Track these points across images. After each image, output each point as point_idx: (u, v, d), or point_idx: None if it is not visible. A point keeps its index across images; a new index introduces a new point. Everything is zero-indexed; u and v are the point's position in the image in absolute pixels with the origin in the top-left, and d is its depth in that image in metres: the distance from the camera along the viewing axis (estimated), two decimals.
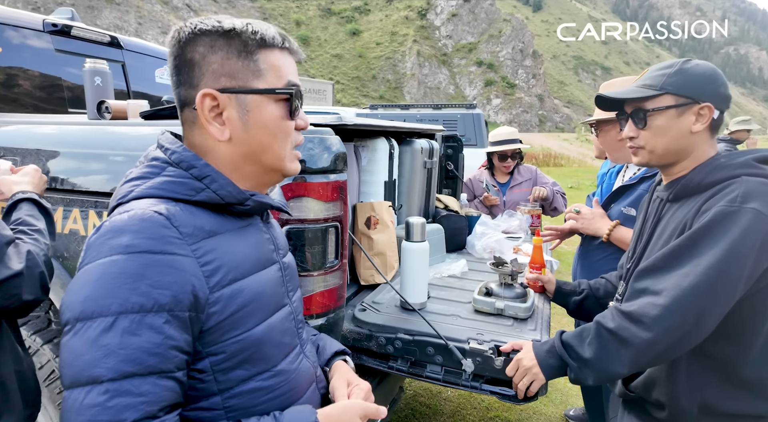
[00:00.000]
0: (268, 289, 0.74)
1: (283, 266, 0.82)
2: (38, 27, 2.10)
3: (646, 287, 0.98)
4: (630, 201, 1.60)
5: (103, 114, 1.37)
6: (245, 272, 0.70)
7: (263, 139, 0.71)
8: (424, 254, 1.40)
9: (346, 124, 1.32)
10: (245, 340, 0.68)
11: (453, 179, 2.69)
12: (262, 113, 0.70)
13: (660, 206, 1.11)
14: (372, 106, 5.55)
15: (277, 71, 0.71)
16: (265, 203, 0.75)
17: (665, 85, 1.01)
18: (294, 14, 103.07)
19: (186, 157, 0.69)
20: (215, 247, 0.67)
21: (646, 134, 1.04)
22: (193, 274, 0.62)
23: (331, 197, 1.18)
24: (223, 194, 0.69)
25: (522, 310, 1.36)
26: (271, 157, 0.73)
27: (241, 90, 0.68)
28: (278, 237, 0.84)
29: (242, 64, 0.68)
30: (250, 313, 0.69)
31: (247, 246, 0.73)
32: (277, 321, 0.75)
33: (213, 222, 0.69)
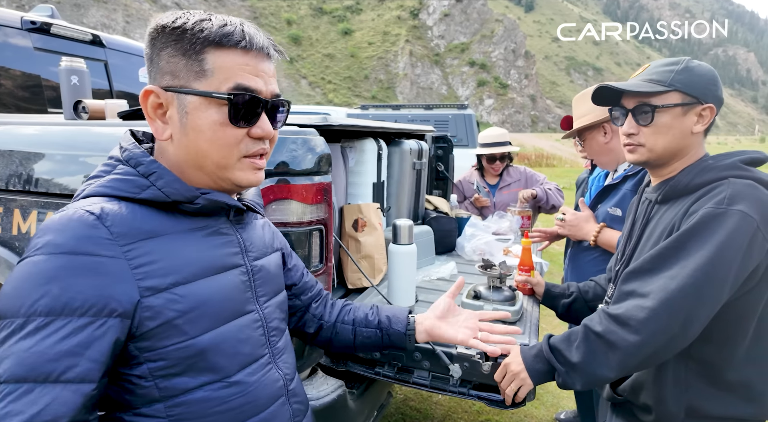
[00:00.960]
0: (222, 295, 0.69)
1: (251, 269, 0.75)
2: (16, 25, 2.04)
3: (634, 290, 0.97)
4: (615, 201, 1.59)
5: (80, 114, 1.33)
6: (190, 276, 0.65)
7: (200, 144, 0.66)
8: (412, 257, 1.38)
9: (331, 124, 1.29)
10: (189, 348, 0.64)
11: (443, 180, 2.67)
12: (200, 116, 0.65)
13: (649, 207, 1.10)
14: (363, 106, 5.52)
15: (225, 73, 0.65)
16: (219, 201, 0.69)
17: (674, 81, 0.97)
18: (285, 13, 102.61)
19: (135, 154, 0.67)
20: (155, 249, 0.63)
21: (648, 132, 1.01)
22: (118, 277, 0.58)
23: (315, 200, 1.16)
24: (169, 191, 0.65)
25: (511, 313, 1.33)
26: (211, 165, 0.67)
27: (180, 90, 0.65)
28: (253, 239, 0.78)
29: (185, 63, 0.65)
30: (194, 320, 0.64)
31: (199, 249, 0.68)
32: (233, 329, 0.70)
33: (159, 222, 0.65)
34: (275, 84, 0.72)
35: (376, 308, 1.01)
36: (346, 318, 0.98)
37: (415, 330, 0.96)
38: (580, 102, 1.70)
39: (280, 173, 1.09)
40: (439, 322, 0.97)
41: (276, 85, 0.72)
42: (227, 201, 0.70)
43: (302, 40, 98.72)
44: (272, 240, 0.86)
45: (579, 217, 1.65)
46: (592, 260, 1.67)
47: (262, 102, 0.68)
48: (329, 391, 1.18)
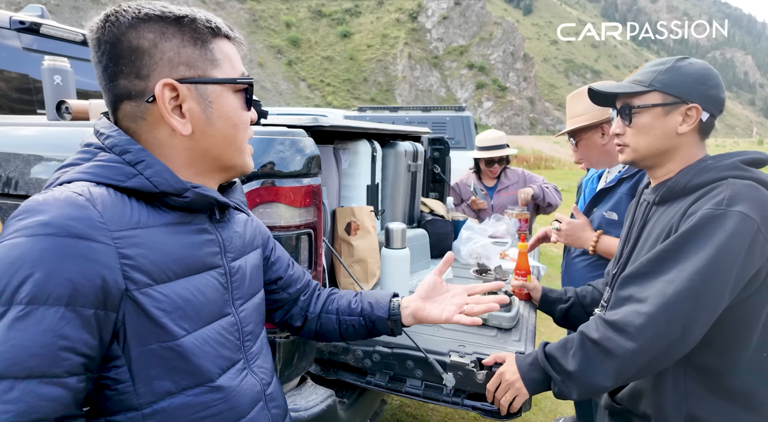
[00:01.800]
0: (203, 296, 0.66)
1: (229, 271, 0.72)
2: (5, 24, 2.01)
3: (631, 295, 0.94)
4: (611, 205, 1.55)
5: (63, 115, 1.29)
6: (173, 274, 0.62)
7: (227, 131, 0.67)
8: (405, 261, 1.34)
9: (322, 125, 1.25)
10: (172, 350, 0.61)
11: (440, 183, 2.64)
12: (224, 103, 0.66)
13: (646, 209, 1.07)
14: (360, 108, 5.49)
15: (231, 61, 0.68)
16: (209, 196, 0.66)
17: (654, 82, 0.97)
18: (284, 16, 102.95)
19: (121, 141, 0.62)
20: (142, 241, 0.59)
21: (631, 132, 1.01)
22: (107, 265, 0.54)
23: (304, 203, 1.12)
24: (158, 181, 0.61)
25: (506, 320, 1.30)
26: (233, 150, 0.69)
27: (202, 80, 0.64)
28: (232, 238, 0.74)
29: (199, 52, 0.64)
30: (177, 320, 0.61)
31: (180, 246, 0.64)
32: (213, 331, 0.67)
33: (146, 214, 0.61)
34: None
35: (359, 295, 0.98)
36: (330, 307, 0.96)
37: (400, 314, 0.93)
38: (575, 101, 1.66)
39: (266, 174, 1.05)
40: (424, 303, 0.93)
41: None
42: (217, 197, 0.68)
43: (301, 42, 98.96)
44: (253, 238, 0.83)
45: (575, 225, 1.59)
46: (588, 264, 1.64)
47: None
48: (318, 401, 1.14)
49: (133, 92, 0.62)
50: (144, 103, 0.62)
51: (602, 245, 1.52)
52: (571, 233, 1.60)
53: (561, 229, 1.61)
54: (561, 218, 1.63)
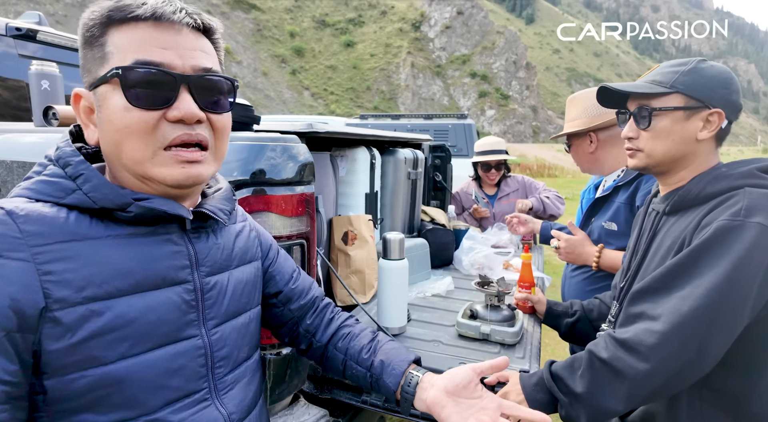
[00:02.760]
0: (153, 315, 0.58)
1: (201, 287, 0.64)
2: (0, 31, 1.99)
3: (642, 312, 0.88)
4: (609, 215, 1.49)
5: (50, 121, 1.25)
6: (115, 290, 0.55)
7: (112, 136, 0.57)
8: (403, 272, 1.28)
9: (317, 131, 1.21)
10: (101, 377, 0.53)
11: (441, 191, 2.59)
12: (108, 105, 0.57)
13: (656, 219, 1.02)
14: (362, 116, 5.47)
15: (123, 51, 0.56)
16: (157, 210, 0.58)
17: (676, 83, 0.91)
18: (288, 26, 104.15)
19: (65, 153, 0.59)
20: (76, 254, 0.53)
21: (646, 136, 0.95)
22: (21, 283, 0.49)
23: (296, 212, 1.07)
24: (96, 197, 0.56)
25: (509, 335, 1.24)
26: (128, 161, 0.57)
27: (91, 85, 0.59)
28: (212, 250, 0.67)
29: (91, 53, 0.58)
30: (111, 343, 0.54)
31: (134, 258, 0.57)
32: (163, 357, 0.58)
33: (90, 225, 0.56)
34: (205, 59, 0.60)
35: (375, 341, 0.83)
36: (339, 344, 0.85)
37: (415, 394, 0.75)
38: (572, 105, 1.64)
39: (256, 182, 1.00)
40: (447, 398, 0.72)
41: (208, 61, 0.61)
42: (168, 210, 0.59)
43: (305, 52, 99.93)
44: (246, 250, 0.75)
45: (574, 242, 1.54)
46: (588, 278, 1.57)
47: (174, 76, 0.57)
48: (311, 421, 1.08)
49: None
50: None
51: (605, 259, 1.46)
52: (570, 250, 1.54)
53: (560, 247, 1.56)
54: (559, 236, 1.58)
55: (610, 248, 1.47)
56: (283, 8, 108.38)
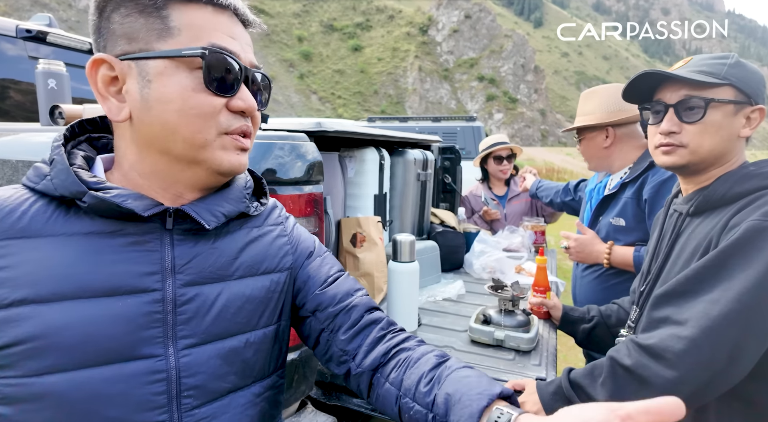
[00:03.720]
0: (92, 327, 0.50)
1: (174, 298, 0.55)
2: (11, 33, 2.00)
3: (668, 316, 0.84)
4: (617, 211, 1.48)
5: (56, 120, 1.24)
6: (50, 294, 0.49)
7: (167, 117, 0.53)
8: (413, 276, 1.24)
9: (325, 130, 1.18)
10: (21, 391, 0.47)
11: (450, 193, 2.54)
12: (165, 83, 0.52)
13: (678, 220, 0.97)
14: (370, 118, 5.46)
15: (196, 31, 0.53)
16: (109, 202, 0.51)
17: (728, 75, 0.85)
18: (296, 30, 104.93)
19: (56, 138, 0.57)
20: (19, 252, 0.50)
21: (693, 130, 0.88)
22: None
23: (304, 212, 1.04)
24: (57, 183, 0.52)
25: (524, 341, 1.19)
26: (183, 144, 0.54)
27: (139, 55, 0.52)
28: (201, 255, 0.58)
29: (144, 21, 0.53)
30: (34, 352, 0.48)
31: (84, 260, 0.51)
32: (99, 378, 0.50)
33: (47, 221, 0.52)
34: (253, 55, 0.61)
35: (440, 371, 0.59)
36: (392, 375, 0.61)
37: None
38: (587, 99, 1.62)
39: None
40: None
41: (254, 58, 0.61)
42: (120, 203, 0.51)
43: (313, 56, 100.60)
44: (261, 260, 0.64)
45: (584, 241, 1.52)
46: (599, 276, 1.54)
47: (242, 68, 0.56)
48: None
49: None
50: None
51: (616, 256, 1.44)
52: (580, 249, 1.52)
53: (570, 247, 1.54)
54: (567, 236, 1.55)
55: (619, 244, 1.46)
56: (292, 13, 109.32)
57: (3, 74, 2.00)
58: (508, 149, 2.59)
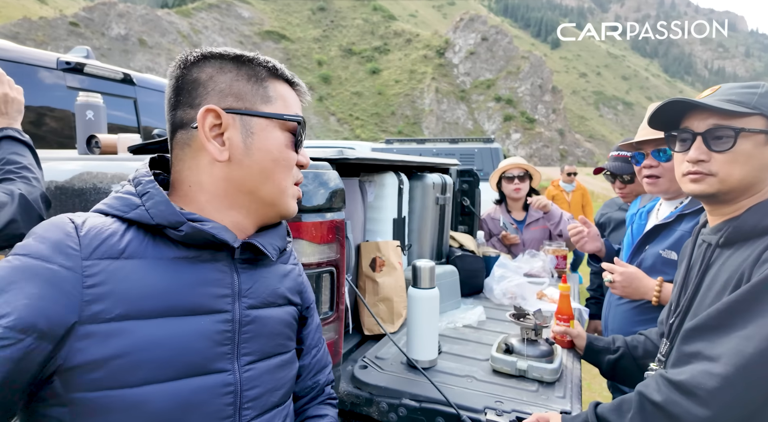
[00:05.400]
0: (181, 342, 0.57)
1: (240, 319, 0.64)
2: (52, 65, 2.13)
3: (699, 351, 0.81)
4: (670, 243, 1.37)
5: (92, 149, 1.30)
6: (147, 310, 0.56)
7: (265, 164, 0.66)
8: (434, 302, 1.24)
9: (347, 158, 1.20)
10: (120, 399, 0.53)
11: (469, 216, 2.54)
12: (267, 137, 0.66)
13: (708, 251, 0.95)
14: (387, 140, 5.53)
15: (285, 101, 0.69)
16: (205, 232, 0.60)
17: (759, 104, 0.85)
18: (316, 55, 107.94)
19: (140, 173, 0.64)
20: (117, 270, 0.55)
21: (723, 159, 0.86)
22: (62, 292, 0.52)
23: (327, 239, 1.05)
24: (154, 213, 0.59)
25: (548, 372, 1.16)
26: (271, 187, 0.67)
27: (248, 112, 0.65)
28: (258, 283, 0.68)
29: (252, 87, 0.66)
30: (132, 365, 0.53)
31: (172, 282, 0.58)
32: (185, 389, 0.56)
33: (139, 245, 0.59)
34: None
35: None
36: None
37: None
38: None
39: None
40: None
41: None
42: (216, 234, 0.61)
43: (332, 79, 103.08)
44: (292, 291, 0.75)
45: (630, 275, 1.38)
46: (635, 308, 1.45)
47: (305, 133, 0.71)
48: None
49: (185, 120, 0.65)
50: (191, 129, 0.65)
51: (667, 294, 1.31)
52: (627, 284, 1.38)
53: (615, 281, 1.40)
54: (611, 269, 1.41)
55: (667, 278, 1.34)
56: (312, 38, 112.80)
57: (41, 102, 2.12)
58: (521, 169, 2.53)
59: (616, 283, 1.39)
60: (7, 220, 0.88)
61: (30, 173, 0.99)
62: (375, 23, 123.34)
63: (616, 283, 1.39)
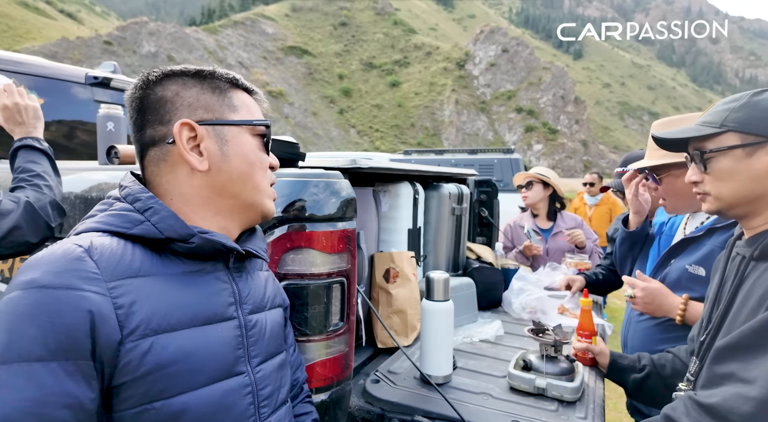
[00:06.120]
0: (210, 350, 0.61)
1: (245, 324, 0.68)
2: (81, 80, 2.21)
3: (732, 373, 0.76)
4: (698, 258, 1.28)
5: (112, 159, 1.33)
6: (175, 323, 0.58)
7: (243, 167, 0.69)
8: (448, 315, 1.20)
9: (360, 167, 1.19)
10: (162, 411, 0.55)
11: (487, 227, 2.49)
12: (241, 143, 0.69)
13: (742, 265, 0.89)
14: (406, 151, 5.53)
15: (249, 109, 0.72)
16: (216, 241, 0.64)
17: (727, 121, 0.86)
18: (337, 69, 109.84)
19: (133, 190, 0.64)
20: (140, 288, 0.57)
21: (710, 179, 0.89)
22: (100, 314, 0.52)
23: (337, 248, 1.04)
24: (163, 227, 0.61)
25: (569, 391, 1.10)
26: (251, 189, 0.70)
27: (219, 122, 0.68)
28: (251, 289, 0.72)
29: (217, 98, 0.69)
30: (172, 376, 0.56)
31: (188, 294, 0.61)
32: (217, 393, 0.60)
33: (150, 262, 0.60)
34: None
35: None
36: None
37: None
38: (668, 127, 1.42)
39: (298, 219, 0.99)
40: None
41: None
42: (225, 242, 0.65)
43: (353, 92, 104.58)
44: (274, 295, 0.79)
45: (653, 291, 1.29)
46: (658, 325, 1.36)
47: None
48: None
49: (156, 138, 0.66)
50: (165, 145, 0.66)
51: (693, 313, 1.22)
52: (650, 300, 1.29)
53: (636, 296, 1.31)
54: (633, 283, 1.33)
55: (693, 295, 1.26)
56: (333, 53, 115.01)
57: (72, 116, 2.21)
58: (527, 177, 2.55)
59: (638, 298, 1.31)
60: (11, 226, 0.88)
61: (42, 181, 0.99)
62: (395, 37, 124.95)
63: (638, 298, 1.31)
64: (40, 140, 1.08)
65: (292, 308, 0.97)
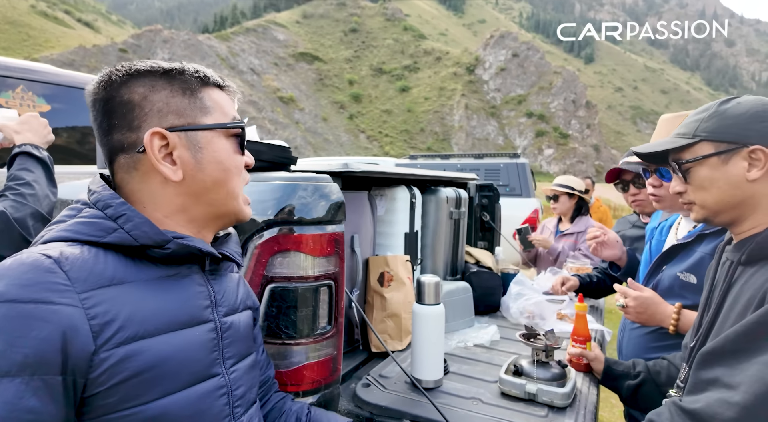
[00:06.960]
0: (186, 354, 0.61)
1: (220, 326, 0.68)
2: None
3: (716, 378, 0.75)
4: (688, 265, 1.25)
5: None
6: (153, 329, 0.58)
7: (217, 175, 0.67)
8: (439, 319, 1.20)
9: (352, 170, 1.20)
10: (138, 417, 0.55)
11: (489, 231, 2.48)
12: (215, 148, 0.67)
13: (730, 269, 0.89)
14: (412, 156, 5.53)
15: (222, 108, 0.69)
16: (192, 246, 0.64)
17: (698, 131, 0.88)
18: (348, 74, 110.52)
19: (103, 196, 0.62)
20: (116, 297, 0.56)
21: (692, 188, 0.90)
22: (71, 327, 0.51)
23: (325, 252, 1.04)
24: (137, 234, 0.60)
25: (559, 396, 1.09)
26: (225, 195, 0.69)
27: (192, 127, 0.65)
28: (225, 292, 0.72)
29: (188, 101, 0.66)
30: (149, 381, 0.56)
31: (165, 299, 0.61)
32: (194, 396, 0.60)
33: (124, 269, 0.59)
34: None
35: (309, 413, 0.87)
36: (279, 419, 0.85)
37: None
38: (665, 126, 1.40)
39: (286, 221, 1.00)
40: None
41: None
42: (201, 247, 0.65)
43: (362, 98, 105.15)
44: (246, 297, 0.80)
45: (645, 301, 1.27)
46: (651, 333, 1.34)
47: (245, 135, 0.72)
48: None
49: (126, 144, 0.64)
50: (135, 154, 0.63)
51: (686, 322, 1.20)
52: (642, 310, 1.26)
53: (628, 306, 1.29)
54: (625, 292, 1.30)
55: (685, 303, 1.24)
56: (344, 58, 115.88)
57: (85, 122, 2.27)
58: (554, 191, 2.76)
59: (630, 308, 1.28)
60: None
61: (29, 189, 0.97)
62: (405, 43, 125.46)
63: (630, 308, 1.28)
64: (40, 147, 1.08)
65: (280, 310, 0.98)
